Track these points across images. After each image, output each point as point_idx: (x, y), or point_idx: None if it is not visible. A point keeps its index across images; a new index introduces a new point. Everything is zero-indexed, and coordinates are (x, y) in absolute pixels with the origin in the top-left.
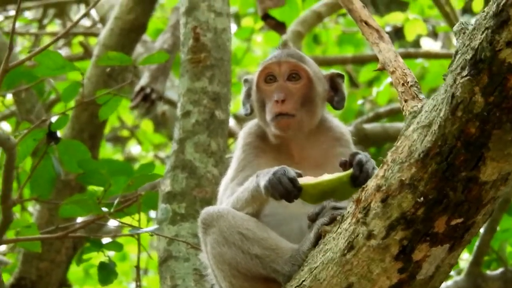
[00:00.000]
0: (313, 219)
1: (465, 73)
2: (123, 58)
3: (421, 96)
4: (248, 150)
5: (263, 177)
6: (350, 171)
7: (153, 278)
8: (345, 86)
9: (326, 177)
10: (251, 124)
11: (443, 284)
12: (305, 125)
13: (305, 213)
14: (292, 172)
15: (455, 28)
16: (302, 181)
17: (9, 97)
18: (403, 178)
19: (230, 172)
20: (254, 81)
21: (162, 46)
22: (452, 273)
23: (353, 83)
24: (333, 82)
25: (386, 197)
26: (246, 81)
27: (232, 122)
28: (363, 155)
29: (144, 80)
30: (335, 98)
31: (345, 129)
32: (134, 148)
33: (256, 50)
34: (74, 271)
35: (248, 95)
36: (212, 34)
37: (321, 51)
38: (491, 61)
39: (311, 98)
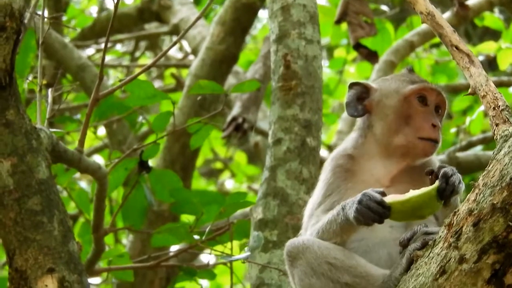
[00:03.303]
0: (404, 244)
1: None
2: (215, 86)
3: None
4: (339, 173)
5: (349, 209)
6: (436, 184)
7: None
8: None
9: (413, 193)
10: (341, 148)
11: None
12: None
13: (392, 238)
14: (377, 195)
15: None
16: (388, 199)
17: (102, 131)
18: (495, 202)
19: (316, 197)
20: (403, 92)
21: (253, 76)
22: None
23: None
24: None
25: (478, 221)
26: (356, 84)
27: (323, 151)
28: (449, 169)
29: (236, 110)
30: None
31: (434, 157)
32: (227, 183)
33: (349, 81)
34: None
35: (358, 98)
36: (303, 61)
37: None
38: None
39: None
